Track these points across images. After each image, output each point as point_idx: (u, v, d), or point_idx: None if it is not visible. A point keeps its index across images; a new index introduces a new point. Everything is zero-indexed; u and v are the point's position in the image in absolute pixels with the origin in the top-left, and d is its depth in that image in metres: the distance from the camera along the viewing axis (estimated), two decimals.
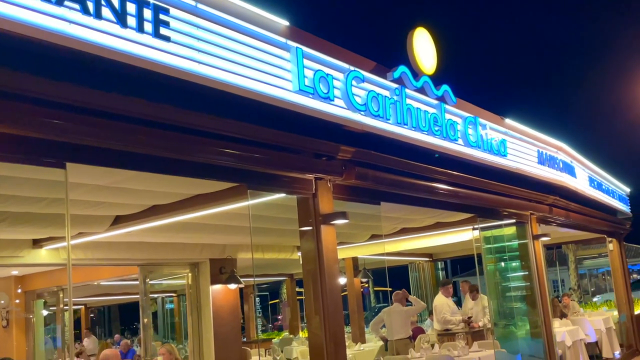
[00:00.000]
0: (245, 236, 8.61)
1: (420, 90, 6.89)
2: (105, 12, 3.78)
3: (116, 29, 3.84)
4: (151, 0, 4.05)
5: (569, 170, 11.18)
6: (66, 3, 3.59)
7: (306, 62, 5.29)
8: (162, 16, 4.12)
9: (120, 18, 3.86)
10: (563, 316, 13.19)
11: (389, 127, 6.27)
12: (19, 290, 11.55)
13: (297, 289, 18.90)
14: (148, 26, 4.02)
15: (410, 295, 11.40)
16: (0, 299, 11.20)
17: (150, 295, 10.05)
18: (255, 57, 4.83)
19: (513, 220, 10.01)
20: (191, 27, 4.34)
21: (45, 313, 11.82)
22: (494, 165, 8.25)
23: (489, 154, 8.09)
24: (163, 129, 4.41)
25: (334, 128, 5.66)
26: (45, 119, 3.81)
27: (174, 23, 4.21)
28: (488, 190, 8.54)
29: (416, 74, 6.81)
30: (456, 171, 7.66)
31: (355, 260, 13.76)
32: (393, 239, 11.20)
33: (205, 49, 4.42)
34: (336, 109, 5.59)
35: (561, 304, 14.20)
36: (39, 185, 5.15)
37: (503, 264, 10.57)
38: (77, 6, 3.64)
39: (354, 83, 5.83)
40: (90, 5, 3.70)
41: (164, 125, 4.40)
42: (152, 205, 6.53)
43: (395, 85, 6.48)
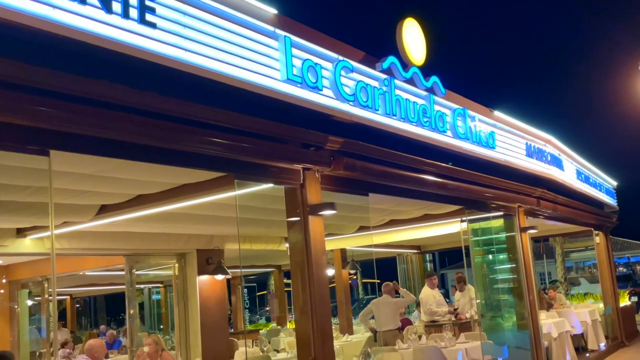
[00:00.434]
0: (232, 227, 8.56)
1: (410, 81, 6.87)
2: None
3: (101, 14, 3.78)
4: None
5: (557, 163, 11.21)
6: None
7: (294, 51, 5.24)
8: (148, 2, 4.06)
9: (105, 4, 3.80)
10: (550, 308, 13.27)
11: (378, 118, 6.25)
12: (3, 280, 11.42)
13: (285, 281, 18.89)
14: (133, 12, 3.96)
15: (400, 287, 11.40)
16: None
17: (137, 285, 10.02)
18: (242, 46, 4.78)
19: (501, 213, 10.03)
20: (177, 14, 4.28)
21: (30, 303, 11.72)
22: (482, 158, 8.26)
23: (477, 146, 8.09)
24: (149, 117, 4.35)
25: (322, 118, 5.63)
26: (29, 105, 3.75)
27: (160, 9, 4.15)
28: (476, 182, 8.54)
29: (405, 64, 6.78)
30: (445, 163, 7.65)
31: (343, 251, 13.75)
32: (381, 231, 11.20)
33: (192, 36, 4.37)
34: (325, 99, 5.56)
35: (547, 296, 14.28)
36: (23, 174, 5.08)
37: (490, 256, 10.59)
38: None
39: (343, 73, 5.79)
40: None
41: (150, 113, 4.34)
42: (138, 194, 6.47)
43: (384, 76, 6.44)
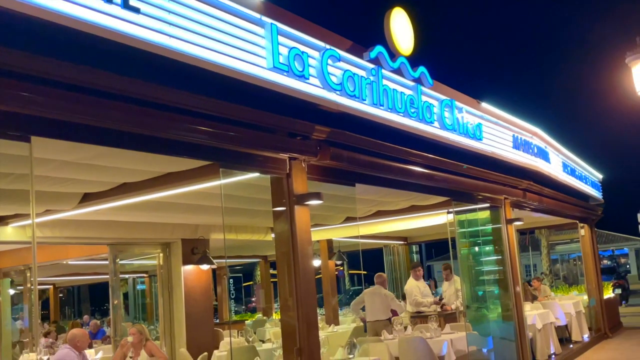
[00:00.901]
0: (218, 216, 8.51)
1: (397, 71, 6.82)
2: None
3: None
4: None
5: (543, 155, 11.23)
6: None
7: (281, 39, 5.18)
8: None
9: None
10: (534, 299, 13.35)
11: (365, 108, 6.20)
12: None
13: (272, 271, 18.88)
14: None
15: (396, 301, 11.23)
16: None
17: (121, 275, 9.93)
18: (228, 32, 4.71)
19: (487, 205, 10.04)
20: None
21: (12, 292, 11.61)
22: (469, 149, 8.24)
23: (464, 137, 8.07)
24: (133, 104, 4.27)
25: (309, 107, 5.57)
26: (9, 90, 3.66)
27: None
28: (463, 173, 8.53)
29: (393, 54, 6.74)
30: (432, 154, 7.63)
31: (330, 242, 13.75)
32: (368, 222, 11.20)
33: (177, 22, 4.29)
34: (311, 88, 5.50)
35: (531, 288, 14.37)
36: (3, 160, 4.99)
37: (477, 248, 10.61)
38: None
39: (330, 62, 5.74)
40: None
41: (134, 99, 4.27)
42: (122, 182, 6.40)
43: (371, 66, 6.39)
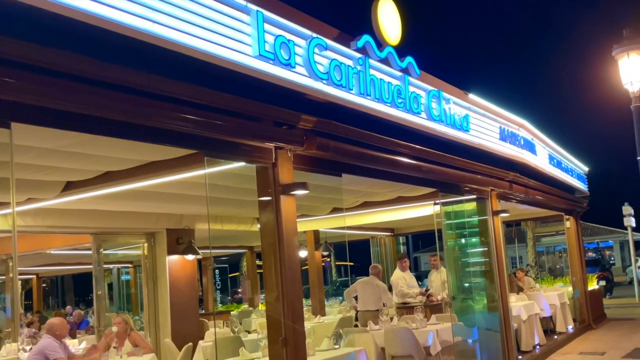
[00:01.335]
0: (203, 206, 8.45)
1: (384, 61, 6.78)
2: None
3: None
4: None
5: (530, 147, 11.25)
6: None
7: (267, 27, 5.12)
8: None
9: None
10: (520, 291, 13.41)
11: (352, 98, 6.16)
12: None
13: (258, 262, 18.82)
14: None
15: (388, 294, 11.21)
16: None
17: (105, 265, 9.85)
18: (213, 19, 4.65)
19: (474, 196, 10.04)
20: None
21: None
22: (456, 140, 8.23)
23: (451, 128, 8.06)
24: (116, 91, 4.20)
25: (295, 96, 5.52)
26: None
27: None
28: (450, 165, 8.52)
29: (380, 44, 6.69)
30: (419, 145, 7.60)
31: (316, 233, 13.73)
32: (355, 213, 11.18)
33: (161, 8, 4.23)
34: (297, 77, 5.45)
35: (517, 279, 14.43)
36: None
37: (463, 239, 10.63)
38: None
39: (317, 50, 5.69)
40: None
41: (117, 86, 4.19)
42: (105, 171, 6.31)
43: (358, 55, 6.35)
